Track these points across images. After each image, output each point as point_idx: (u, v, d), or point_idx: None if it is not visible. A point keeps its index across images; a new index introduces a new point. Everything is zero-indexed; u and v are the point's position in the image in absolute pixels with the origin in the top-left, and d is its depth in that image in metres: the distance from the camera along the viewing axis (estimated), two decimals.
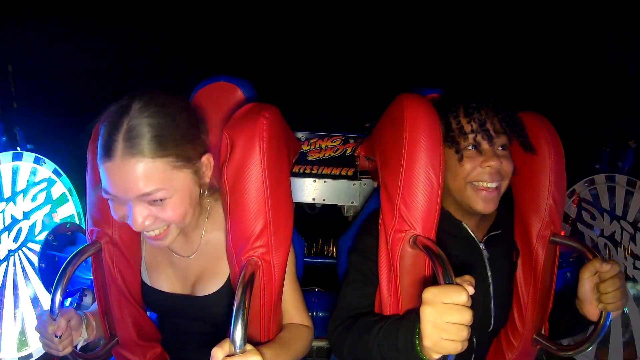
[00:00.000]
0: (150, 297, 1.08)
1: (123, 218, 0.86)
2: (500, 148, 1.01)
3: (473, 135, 0.99)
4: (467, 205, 1.02)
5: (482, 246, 1.07)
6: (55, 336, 0.90)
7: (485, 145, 0.99)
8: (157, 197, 0.82)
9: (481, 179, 0.99)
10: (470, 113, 1.00)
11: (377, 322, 0.90)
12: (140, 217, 0.82)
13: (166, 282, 1.06)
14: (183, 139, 0.85)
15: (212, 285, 1.02)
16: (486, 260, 1.06)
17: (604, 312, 0.96)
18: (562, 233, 1.10)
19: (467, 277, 0.74)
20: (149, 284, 1.07)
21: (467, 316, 0.69)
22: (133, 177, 0.79)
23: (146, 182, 0.80)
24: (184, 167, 0.85)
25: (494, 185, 0.99)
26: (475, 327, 0.74)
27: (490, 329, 1.07)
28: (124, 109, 0.81)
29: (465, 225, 1.06)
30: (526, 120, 1.10)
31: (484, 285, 1.05)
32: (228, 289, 1.01)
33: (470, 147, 1.00)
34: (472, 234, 1.07)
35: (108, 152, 0.79)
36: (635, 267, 1.47)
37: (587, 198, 1.70)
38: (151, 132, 0.79)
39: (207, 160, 0.92)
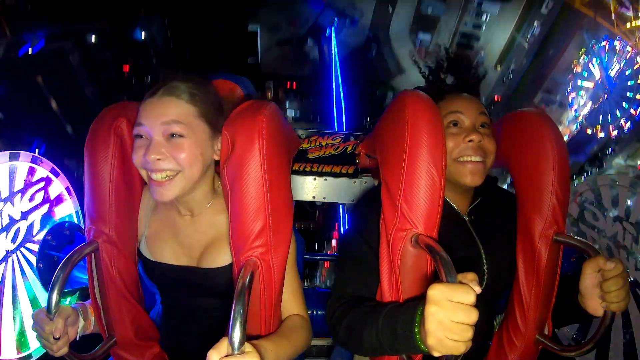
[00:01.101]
0: (154, 271, 1.09)
1: (140, 159, 0.97)
2: (481, 126, 1.07)
3: (455, 114, 1.06)
4: (456, 180, 1.06)
5: (465, 217, 1.12)
6: (53, 337, 0.91)
7: (466, 122, 1.06)
8: (177, 131, 0.96)
9: (465, 153, 1.04)
10: (453, 96, 1.08)
11: (376, 307, 0.90)
12: (156, 150, 0.95)
13: (170, 254, 1.08)
14: (211, 106, 1.01)
15: (220, 259, 1.04)
16: (470, 225, 1.11)
17: (609, 312, 0.95)
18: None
19: (470, 276, 0.72)
20: (152, 259, 1.08)
21: (473, 316, 0.68)
22: (164, 108, 0.96)
23: (173, 114, 0.96)
24: (205, 123, 0.99)
25: (477, 159, 1.04)
26: None
27: (483, 285, 1.06)
28: (172, 76, 1.01)
29: (448, 200, 1.10)
30: (530, 118, 1.09)
31: (472, 248, 1.08)
32: None
33: (452, 125, 1.06)
34: (455, 207, 1.12)
35: (152, 93, 0.99)
36: (637, 269, 1.46)
37: (590, 198, 1.69)
38: (188, 88, 0.99)
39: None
